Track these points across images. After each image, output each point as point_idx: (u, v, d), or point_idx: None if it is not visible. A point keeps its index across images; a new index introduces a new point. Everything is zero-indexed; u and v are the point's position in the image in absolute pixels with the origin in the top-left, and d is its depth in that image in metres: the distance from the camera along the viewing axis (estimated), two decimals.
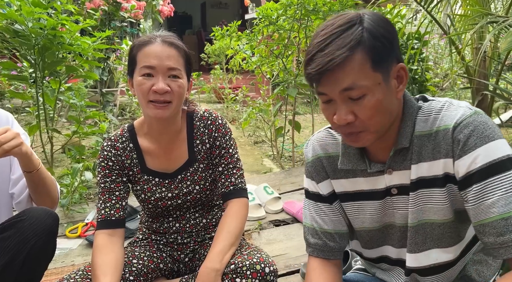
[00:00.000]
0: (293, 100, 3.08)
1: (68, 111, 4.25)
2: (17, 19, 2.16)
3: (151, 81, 1.15)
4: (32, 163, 1.13)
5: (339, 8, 2.55)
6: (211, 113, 1.32)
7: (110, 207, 1.24)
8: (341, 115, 0.81)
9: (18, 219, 1.09)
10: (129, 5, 3.93)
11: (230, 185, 1.28)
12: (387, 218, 0.95)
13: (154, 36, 1.20)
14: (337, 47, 0.77)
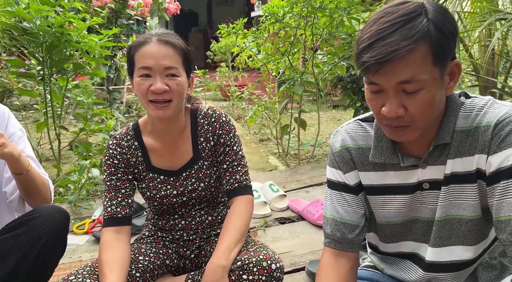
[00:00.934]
0: (299, 98, 3.07)
1: (75, 109, 4.28)
2: (25, 17, 2.18)
3: (149, 82, 1.15)
4: (19, 165, 1.12)
5: (346, 5, 2.53)
6: (215, 111, 1.33)
7: (116, 204, 1.25)
8: (392, 108, 0.80)
9: (31, 216, 1.10)
10: (136, 3, 3.94)
11: (235, 182, 1.28)
12: (413, 212, 0.95)
13: (150, 35, 1.19)
14: (402, 37, 0.74)
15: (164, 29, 1.24)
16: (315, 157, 3.41)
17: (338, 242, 1.01)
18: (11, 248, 1.06)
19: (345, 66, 2.91)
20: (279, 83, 3.31)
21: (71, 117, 3.94)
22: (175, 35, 1.22)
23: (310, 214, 2.09)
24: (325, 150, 3.83)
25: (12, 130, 1.26)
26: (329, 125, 5.15)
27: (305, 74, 2.89)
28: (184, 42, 1.24)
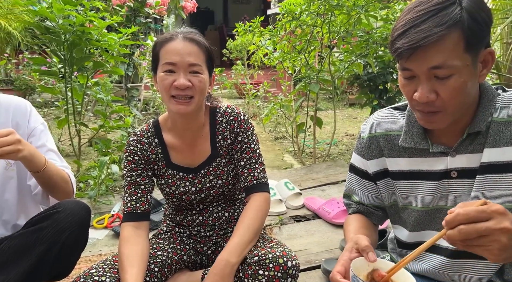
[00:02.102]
0: (315, 96, 3.06)
1: (94, 106, 4.36)
2: (48, 16, 2.23)
3: (173, 77, 1.18)
4: (34, 164, 1.14)
5: (364, 3, 2.51)
6: (233, 109, 1.34)
7: (136, 200, 1.28)
8: (423, 93, 0.82)
9: (54, 210, 1.13)
10: (154, 1, 3.99)
11: (253, 178, 1.30)
12: (438, 201, 0.96)
13: (175, 33, 1.22)
14: (434, 24, 0.78)
15: (189, 28, 1.27)
16: (330, 156, 3.40)
17: (361, 212, 1.12)
18: (36, 241, 1.08)
19: (362, 64, 2.89)
20: (295, 81, 3.31)
21: (91, 114, 4.03)
22: (200, 34, 1.25)
23: (326, 212, 2.08)
24: (340, 149, 3.80)
25: (34, 125, 1.29)
26: (345, 123, 5.12)
27: (321, 72, 2.88)
28: (207, 41, 1.26)
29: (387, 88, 3.37)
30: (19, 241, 1.09)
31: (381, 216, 1.12)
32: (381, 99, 3.38)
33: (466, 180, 0.91)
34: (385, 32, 2.61)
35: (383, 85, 3.34)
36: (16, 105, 1.27)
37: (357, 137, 3.98)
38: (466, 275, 0.95)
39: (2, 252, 1.09)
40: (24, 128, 1.26)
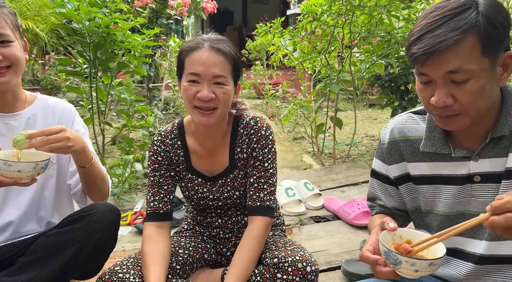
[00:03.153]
0: (335, 97, 3.05)
1: (116, 105, 4.46)
2: (75, 18, 2.30)
3: (197, 88, 1.15)
4: (83, 159, 1.18)
5: (386, 3, 2.49)
6: (256, 122, 1.29)
7: (158, 200, 1.29)
8: (440, 98, 0.82)
9: (87, 213, 1.17)
10: (176, 3, 4.05)
11: (258, 200, 1.26)
12: (462, 206, 0.96)
13: (202, 41, 1.18)
14: (449, 29, 0.78)
15: (216, 35, 1.23)
16: (350, 157, 3.38)
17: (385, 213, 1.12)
18: (68, 241, 1.12)
19: (383, 65, 2.86)
20: (315, 81, 3.30)
21: (114, 114, 4.12)
22: (227, 42, 1.21)
23: (346, 213, 2.08)
24: (360, 150, 3.77)
25: (77, 128, 1.33)
26: (365, 124, 5.07)
27: (342, 73, 2.86)
28: (235, 48, 1.23)
29: (408, 89, 3.32)
30: (52, 240, 1.13)
31: (405, 217, 1.12)
32: (403, 100, 3.33)
33: (490, 185, 0.90)
34: (407, 32, 2.58)
35: (404, 86, 3.30)
36: (62, 108, 1.33)
37: (377, 138, 3.94)
38: (493, 280, 0.94)
39: (36, 249, 1.13)
40: None
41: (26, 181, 1.06)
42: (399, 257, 0.79)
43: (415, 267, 0.78)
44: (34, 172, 1.04)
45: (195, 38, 1.23)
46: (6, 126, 1.22)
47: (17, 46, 1.16)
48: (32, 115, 1.27)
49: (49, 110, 1.30)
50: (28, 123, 1.25)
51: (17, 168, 1.01)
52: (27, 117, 1.25)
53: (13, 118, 1.24)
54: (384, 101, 3.65)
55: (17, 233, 1.24)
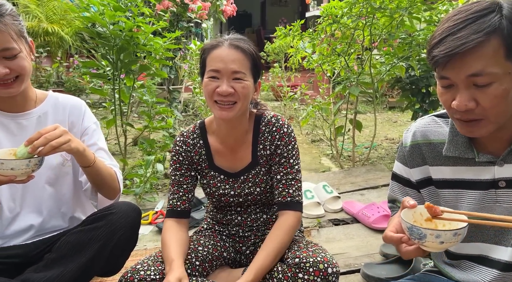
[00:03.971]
0: (354, 99, 3.03)
1: (137, 107, 4.55)
2: (100, 22, 2.37)
3: (216, 83, 1.21)
4: (85, 158, 1.18)
5: (407, 5, 2.46)
6: (278, 120, 1.34)
7: (177, 198, 1.34)
8: (462, 101, 0.81)
9: (109, 211, 1.21)
10: (196, 6, 4.10)
11: (288, 195, 1.29)
12: (485, 211, 0.94)
13: (222, 39, 1.24)
14: (472, 31, 0.77)
15: (236, 35, 1.29)
16: (370, 159, 3.35)
17: None
18: (91, 239, 1.16)
19: (404, 67, 2.83)
20: (334, 84, 3.29)
21: (135, 115, 4.21)
22: (247, 41, 1.27)
23: (366, 216, 2.07)
24: (380, 153, 3.74)
25: (87, 124, 1.35)
26: (384, 127, 5.02)
27: (361, 75, 2.85)
28: (254, 47, 1.28)
29: (430, 92, 3.28)
30: (76, 237, 1.17)
31: None
32: (424, 103, 3.29)
33: None
34: (428, 34, 2.55)
35: (425, 88, 3.26)
36: (72, 104, 1.34)
37: (397, 141, 3.91)
38: None
39: (61, 246, 1.16)
40: (79, 127, 1.33)
41: (21, 178, 1.07)
42: (423, 231, 0.78)
43: (440, 238, 0.78)
44: (28, 169, 1.06)
45: (216, 38, 1.28)
46: (17, 126, 1.25)
47: (22, 57, 1.15)
48: (43, 114, 1.29)
49: (59, 108, 1.32)
50: (39, 122, 1.27)
51: (10, 166, 1.03)
52: (37, 116, 1.27)
53: (24, 117, 1.26)
54: (405, 104, 3.61)
55: (42, 230, 1.28)
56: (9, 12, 1.14)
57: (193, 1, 4.25)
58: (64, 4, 6.58)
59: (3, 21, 1.11)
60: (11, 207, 1.25)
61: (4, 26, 1.11)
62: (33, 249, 1.24)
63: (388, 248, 1.76)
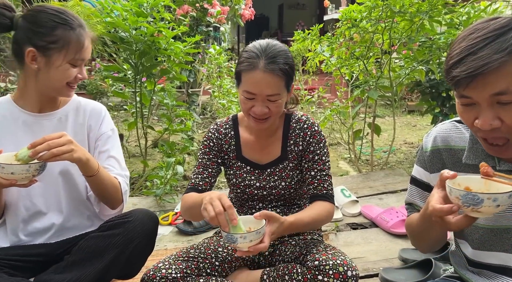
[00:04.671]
0: (373, 103, 3.02)
1: (156, 110, 4.63)
2: (123, 27, 2.44)
3: (251, 103, 1.26)
4: (88, 168, 1.19)
5: (428, 9, 2.44)
6: (308, 118, 1.41)
7: (200, 178, 1.39)
8: (486, 121, 0.81)
9: (126, 219, 1.23)
10: (215, 11, 4.16)
11: (323, 189, 1.35)
12: (506, 220, 0.94)
13: (257, 58, 1.22)
14: (493, 51, 0.77)
15: (272, 47, 1.25)
16: (388, 164, 3.32)
17: None
18: (108, 245, 1.18)
19: (424, 71, 2.81)
20: (352, 87, 3.28)
21: (155, 118, 4.28)
22: (282, 56, 1.24)
23: (384, 221, 2.06)
24: (399, 157, 3.70)
25: (104, 130, 1.36)
26: (403, 131, 4.96)
27: (380, 79, 2.83)
28: (289, 59, 1.27)
29: (450, 96, 3.23)
30: (94, 242, 1.19)
31: None
32: (444, 106, 3.25)
33: None
34: (449, 37, 2.52)
35: (446, 92, 3.22)
36: (93, 108, 1.38)
37: (416, 145, 3.85)
38: None
39: (79, 250, 1.19)
40: (95, 131, 1.36)
41: (23, 182, 1.09)
42: (480, 196, 0.78)
43: (497, 202, 0.77)
44: (28, 174, 1.07)
45: (252, 50, 1.26)
46: (39, 125, 1.29)
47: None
48: (64, 116, 1.32)
49: (80, 111, 1.35)
50: (60, 123, 1.31)
51: (10, 170, 1.05)
52: (59, 117, 1.31)
53: (46, 118, 1.30)
54: (424, 108, 3.56)
55: (64, 229, 1.32)
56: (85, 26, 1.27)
57: (212, 6, 4.31)
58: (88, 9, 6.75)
59: (89, 33, 1.26)
60: (28, 205, 1.28)
61: (89, 39, 1.25)
62: (57, 248, 1.29)
63: (407, 253, 1.75)
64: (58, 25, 1.20)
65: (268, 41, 1.29)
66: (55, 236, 1.31)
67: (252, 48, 1.27)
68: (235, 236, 1.03)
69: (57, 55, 1.20)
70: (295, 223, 1.20)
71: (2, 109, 1.28)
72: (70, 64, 1.21)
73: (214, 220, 1.05)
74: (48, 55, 1.20)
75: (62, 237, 1.32)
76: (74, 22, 1.22)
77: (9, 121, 1.27)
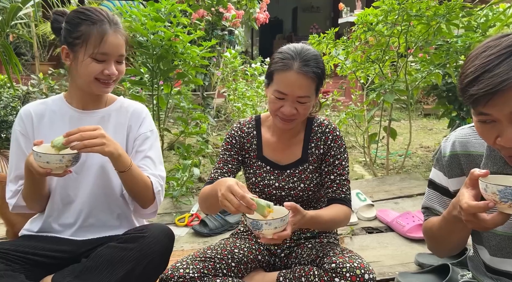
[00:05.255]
0: (388, 106, 3.00)
1: (172, 112, 4.69)
2: (142, 32, 2.49)
3: (281, 103, 1.28)
4: (119, 163, 1.21)
5: (445, 12, 2.43)
6: (330, 123, 1.43)
7: (220, 173, 1.41)
8: (511, 138, 0.80)
9: (141, 234, 1.22)
10: (230, 15, 4.20)
11: (342, 193, 1.37)
12: None
13: (292, 59, 1.25)
14: (510, 67, 0.77)
15: (307, 51, 1.28)
16: (404, 168, 3.29)
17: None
18: (123, 259, 1.18)
19: (441, 74, 2.78)
20: (368, 90, 3.27)
21: (170, 121, 4.34)
22: (316, 60, 1.28)
23: (400, 225, 2.04)
24: (415, 161, 3.67)
25: (142, 131, 1.39)
26: (419, 135, 4.91)
27: (396, 82, 2.82)
28: (321, 64, 1.30)
29: None
30: (110, 252, 1.20)
31: None
32: (461, 110, 3.21)
33: None
34: (467, 41, 2.50)
35: None
36: (134, 109, 1.41)
37: (432, 149, 3.79)
38: None
39: (96, 257, 1.20)
40: (135, 131, 1.39)
41: (57, 172, 1.13)
42: None
43: None
44: (62, 164, 1.11)
45: (286, 52, 1.28)
46: (83, 121, 1.34)
47: (124, 63, 1.31)
48: (107, 115, 1.37)
49: (123, 111, 1.39)
50: (102, 121, 1.35)
51: (46, 160, 1.10)
52: (102, 115, 1.36)
53: (90, 115, 1.35)
54: (441, 112, 3.53)
55: (91, 226, 1.35)
56: (120, 23, 1.30)
57: (227, 10, 4.36)
58: None
59: (120, 30, 1.28)
60: (64, 195, 1.33)
61: (121, 36, 1.28)
62: (81, 247, 1.32)
63: (423, 257, 1.74)
64: (82, 22, 1.25)
65: (302, 45, 1.32)
66: (82, 231, 1.34)
67: (286, 50, 1.29)
68: (260, 222, 1.04)
69: (80, 50, 1.25)
70: (315, 217, 1.21)
71: (54, 105, 1.37)
72: (92, 59, 1.24)
73: (237, 212, 1.08)
74: (75, 51, 1.26)
75: (88, 233, 1.35)
76: (96, 17, 1.25)
77: (58, 117, 1.35)
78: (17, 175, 1.34)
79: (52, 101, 1.38)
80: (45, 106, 1.36)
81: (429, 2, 2.50)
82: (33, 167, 1.13)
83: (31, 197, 1.32)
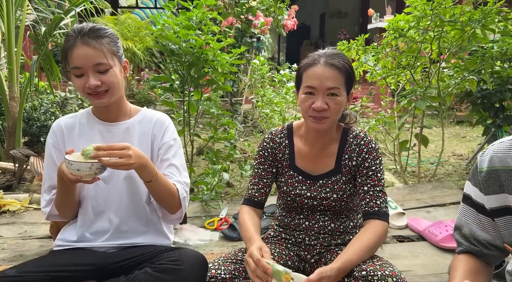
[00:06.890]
0: (420, 113, 2.95)
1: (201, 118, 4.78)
2: (174, 40, 2.57)
3: (312, 99, 1.30)
4: (145, 175, 1.26)
5: (480, 17, 2.37)
6: (366, 135, 1.41)
7: (256, 189, 1.45)
8: None
9: (177, 266, 1.22)
10: (259, 22, 4.25)
11: (375, 206, 1.33)
12: None
13: (318, 57, 1.31)
14: None
15: (332, 50, 1.35)
16: (436, 176, 3.21)
17: (472, 251, 1.03)
18: None
19: (475, 81, 2.71)
20: (398, 97, 3.22)
21: (199, 126, 4.43)
22: (341, 56, 1.33)
23: (433, 235, 2.00)
24: (447, 169, 3.57)
25: (166, 140, 1.43)
26: (451, 142, 4.77)
27: (428, 89, 2.76)
28: (348, 61, 1.34)
29: (504, 106, 3.09)
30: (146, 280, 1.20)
31: (497, 256, 1.03)
32: (497, 118, 3.10)
33: None
34: (504, 46, 2.42)
35: (499, 103, 3.07)
36: (158, 119, 1.46)
37: (465, 157, 3.67)
38: None
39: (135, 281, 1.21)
40: (158, 141, 1.44)
41: (87, 179, 1.18)
42: None
43: None
44: (91, 172, 1.16)
45: (313, 54, 1.35)
46: (108, 133, 1.41)
47: (113, 72, 1.30)
48: (131, 125, 1.43)
49: (146, 122, 1.44)
50: (127, 132, 1.42)
51: (77, 167, 1.15)
52: (127, 126, 1.43)
53: (115, 127, 1.41)
54: (475, 119, 3.42)
55: (120, 232, 1.40)
56: (107, 35, 1.33)
57: (256, 17, 4.42)
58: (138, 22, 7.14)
59: (100, 41, 1.30)
60: (94, 205, 1.40)
61: (100, 45, 1.29)
62: (108, 258, 1.34)
63: None
64: (65, 41, 1.32)
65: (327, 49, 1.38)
66: (112, 238, 1.40)
67: (312, 53, 1.36)
68: None
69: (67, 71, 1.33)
70: (344, 267, 1.16)
71: (83, 118, 1.45)
72: (73, 76, 1.31)
73: (256, 279, 1.14)
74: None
75: (119, 240, 1.40)
76: (72, 35, 1.30)
77: (87, 129, 1.43)
78: (50, 185, 1.41)
79: (81, 115, 1.46)
80: (75, 120, 1.44)
81: (463, 7, 2.45)
82: (64, 174, 1.19)
83: (63, 204, 1.38)
